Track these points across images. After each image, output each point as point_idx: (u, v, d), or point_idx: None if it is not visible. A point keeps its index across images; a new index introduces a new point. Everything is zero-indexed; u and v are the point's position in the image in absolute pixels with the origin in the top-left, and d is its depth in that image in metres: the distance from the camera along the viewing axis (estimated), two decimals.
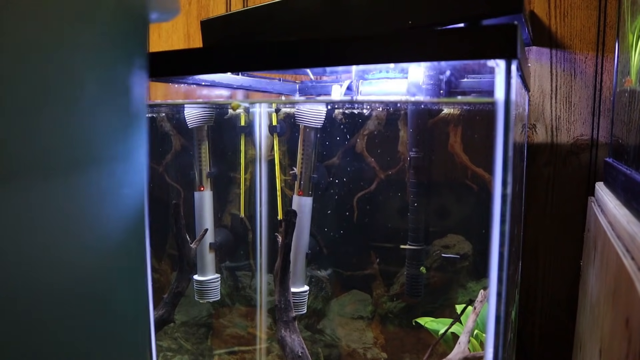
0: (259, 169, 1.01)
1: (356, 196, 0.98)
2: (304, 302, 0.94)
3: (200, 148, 0.98)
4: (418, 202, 0.90)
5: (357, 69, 0.84)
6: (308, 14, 0.57)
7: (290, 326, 0.79)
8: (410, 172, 0.91)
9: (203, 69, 0.60)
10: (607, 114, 0.88)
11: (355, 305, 1.02)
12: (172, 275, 1.11)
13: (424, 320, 0.90)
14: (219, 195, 1.03)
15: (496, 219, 0.48)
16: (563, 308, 0.93)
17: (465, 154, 0.90)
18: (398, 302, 0.98)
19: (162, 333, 1.12)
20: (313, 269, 1.02)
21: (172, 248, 1.10)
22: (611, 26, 0.86)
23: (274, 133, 0.98)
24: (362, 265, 1.01)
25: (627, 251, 0.46)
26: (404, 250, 0.93)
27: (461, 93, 0.82)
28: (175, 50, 0.59)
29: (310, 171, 0.91)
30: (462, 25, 0.50)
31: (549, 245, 0.93)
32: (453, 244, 0.94)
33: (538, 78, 0.91)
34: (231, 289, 1.10)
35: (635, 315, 0.36)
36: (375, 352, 1.00)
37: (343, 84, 0.87)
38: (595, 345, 0.58)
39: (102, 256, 0.27)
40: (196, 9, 1.23)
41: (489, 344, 0.50)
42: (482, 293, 0.79)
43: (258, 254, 1.03)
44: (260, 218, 1.02)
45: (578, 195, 0.90)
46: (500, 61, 0.45)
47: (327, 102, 0.92)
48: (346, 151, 0.98)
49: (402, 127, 0.94)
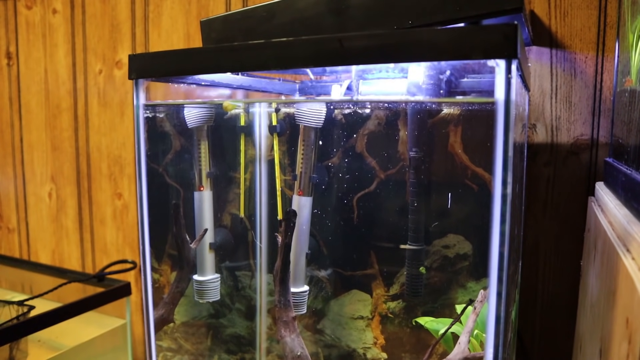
0: (258, 168, 1.01)
1: (356, 196, 0.98)
2: (304, 302, 0.93)
3: (200, 148, 0.98)
4: (418, 202, 0.90)
5: (357, 68, 0.84)
6: (308, 13, 0.57)
7: (290, 326, 0.78)
8: (410, 172, 0.91)
9: (203, 69, 0.60)
10: (607, 113, 0.87)
11: (355, 305, 1.02)
12: (172, 275, 1.11)
13: (424, 320, 0.90)
14: (218, 195, 1.03)
15: (496, 219, 0.48)
16: (563, 308, 0.93)
17: (465, 154, 0.90)
18: (398, 302, 0.98)
19: (162, 333, 1.12)
20: (313, 269, 1.02)
21: (172, 248, 1.09)
22: (611, 26, 0.86)
23: (273, 133, 0.98)
24: (362, 265, 1.01)
25: (628, 251, 0.45)
26: (404, 250, 0.93)
27: (461, 93, 0.82)
28: (175, 50, 0.59)
29: (310, 171, 0.91)
30: (462, 24, 0.50)
31: (549, 245, 0.93)
32: (453, 244, 0.94)
33: (538, 78, 0.91)
34: (231, 289, 1.10)
35: (636, 315, 0.36)
36: (375, 352, 1.00)
37: (343, 83, 0.87)
38: (595, 346, 0.58)
39: None
40: (196, 9, 1.23)
41: (489, 344, 0.50)
42: (482, 293, 0.79)
43: (258, 254, 1.03)
44: (260, 218, 1.02)
45: (578, 195, 0.90)
46: (500, 61, 0.45)
47: (327, 102, 0.92)
48: (346, 151, 0.98)
49: (402, 127, 0.94)
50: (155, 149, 1.10)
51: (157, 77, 0.70)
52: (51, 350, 1.05)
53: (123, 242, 1.42)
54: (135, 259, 1.38)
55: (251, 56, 0.54)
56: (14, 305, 1.04)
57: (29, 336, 0.98)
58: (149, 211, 0.74)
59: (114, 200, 1.43)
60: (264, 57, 0.53)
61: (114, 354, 1.17)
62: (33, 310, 1.00)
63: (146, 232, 0.74)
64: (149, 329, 0.76)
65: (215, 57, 0.57)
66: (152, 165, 1.08)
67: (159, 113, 1.07)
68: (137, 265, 1.30)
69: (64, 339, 1.08)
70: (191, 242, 0.94)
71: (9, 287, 1.47)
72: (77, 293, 1.18)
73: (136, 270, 1.36)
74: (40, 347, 1.07)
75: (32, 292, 1.31)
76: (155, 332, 0.77)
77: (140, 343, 1.39)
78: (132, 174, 1.41)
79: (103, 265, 1.30)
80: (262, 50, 0.53)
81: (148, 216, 0.74)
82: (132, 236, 1.41)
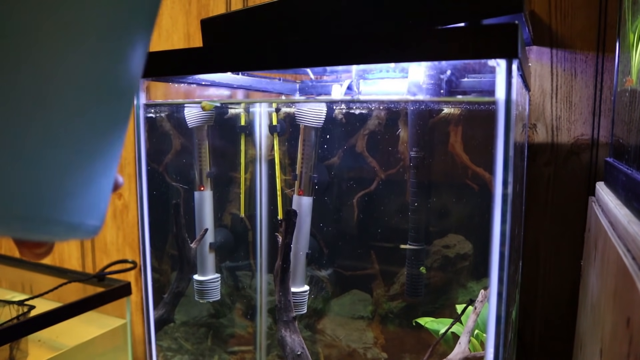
0: (259, 168, 1.01)
1: (356, 196, 0.98)
2: (304, 301, 0.93)
3: (200, 148, 0.98)
4: (418, 202, 0.90)
5: (357, 68, 0.84)
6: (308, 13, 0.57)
7: (290, 326, 0.78)
8: (410, 172, 0.91)
9: (203, 69, 0.60)
10: (607, 113, 0.87)
11: (356, 305, 1.02)
12: (172, 275, 1.11)
13: (424, 321, 0.90)
14: (219, 195, 1.03)
15: (497, 219, 0.48)
16: (563, 308, 0.93)
17: (465, 154, 0.90)
18: (398, 302, 0.98)
19: (162, 333, 1.12)
20: (313, 269, 1.02)
21: (172, 248, 1.09)
22: (612, 26, 0.85)
23: (274, 133, 0.98)
24: (362, 265, 1.01)
25: (628, 251, 0.45)
26: (404, 250, 0.93)
27: (462, 93, 0.82)
28: (175, 50, 0.59)
29: (311, 171, 0.91)
30: (463, 24, 0.50)
31: (550, 245, 0.93)
32: (453, 244, 0.94)
33: (538, 78, 0.91)
34: (231, 289, 1.10)
35: (636, 315, 0.36)
36: (376, 352, 1.00)
37: (343, 83, 0.87)
38: (595, 346, 0.58)
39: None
40: (196, 9, 1.23)
41: (490, 344, 0.50)
42: (482, 293, 0.78)
43: (258, 254, 1.03)
44: (260, 218, 1.02)
45: (578, 195, 0.90)
46: (501, 60, 0.45)
47: (328, 101, 0.92)
48: (346, 151, 0.98)
49: (402, 127, 0.94)
50: (155, 148, 1.10)
51: (158, 77, 0.70)
52: (51, 350, 1.05)
53: (123, 242, 1.42)
54: (135, 259, 1.38)
55: (251, 56, 0.54)
56: (14, 305, 1.04)
57: (29, 336, 0.98)
58: (149, 211, 0.74)
59: (114, 200, 1.43)
60: (264, 57, 0.53)
61: (114, 354, 1.17)
62: (33, 310, 1.00)
63: (146, 232, 0.74)
64: (149, 329, 0.76)
65: (215, 57, 0.57)
66: (152, 165, 1.08)
67: (159, 112, 1.07)
68: (137, 265, 1.30)
69: (64, 339, 1.08)
70: (191, 242, 0.94)
71: (9, 287, 1.47)
72: (77, 293, 1.18)
73: (136, 270, 1.36)
74: (40, 347, 1.07)
75: (32, 292, 1.31)
76: (155, 332, 0.77)
77: (140, 343, 1.39)
78: (132, 173, 1.41)
79: (103, 265, 1.30)
80: (263, 50, 0.53)
81: (148, 216, 0.74)
82: (132, 236, 1.41)
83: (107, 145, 0.25)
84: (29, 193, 0.21)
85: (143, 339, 1.36)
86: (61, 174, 0.22)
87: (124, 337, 1.18)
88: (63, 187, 0.22)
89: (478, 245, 0.93)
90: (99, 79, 0.23)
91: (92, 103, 0.23)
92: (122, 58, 0.24)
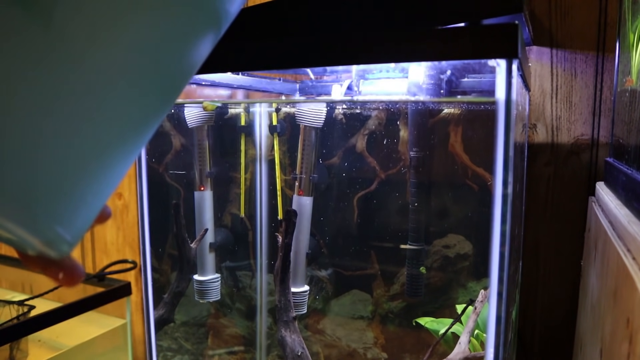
0: (259, 168, 1.01)
1: (356, 196, 0.98)
2: (304, 302, 0.93)
3: (200, 148, 0.98)
4: (418, 202, 0.90)
5: (357, 68, 0.84)
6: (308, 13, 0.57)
7: (291, 326, 0.78)
8: (410, 172, 0.91)
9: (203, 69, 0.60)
10: (607, 113, 0.87)
11: (356, 305, 1.02)
12: (172, 275, 1.11)
13: (424, 321, 0.90)
14: (219, 195, 1.03)
15: (497, 219, 0.48)
16: (563, 308, 0.93)
17: (465, 154, 0.90)
18: (398, 302, 0.98)
19: (162, 333, 1.12)
20: (313, 269, 1.02)
21: (172, 248, 1.09)
22: (612, 26, 0.85)
23: (274, 133, 0.98)
24: (362, 265, 1.01)
25: (628, 251, 0.45)
26: (404, 250, 0.93)
27: (462, 93, 0.82)
28: None
29: (311, 171, 0.91)
30: (463, 24, 0.50)
31: (550, 245, 0.93)
32: (453, 244, 0.94)
33: (538, 78, 0.91)
34: (231, 289, 1.10)
35: (636, 315, 0.36)
36: (376, 352, 1.00)
37: (343, 83, 0.87)
38: (595, 346, 0.58)
39: None
40: None
41: (490, 344, 0.50)
42: (482, 293, 0.78)
43: (258, 254, 1.03)
44: (260, 218, 1.02)
45: (578, 195, 0.90)
46: (501, 60, 0.45)
47: (328, 101, 0.92)
48: (346, 151, 0.98)
49: (402, 127, 0.94)
50: (155, 148, 1.10)
51: None
52: (51, 350, 1.05)
53: (123, 242, 1.42)
54: (136, 259, 1.38)
55: (251, 56, 0.54)
56: (14, 305, 1.04)
57: (29, 336, 0.98)
58: (149, 211, 0.74)
59: (114, 200, 1.43)
60: (264, 57, 0.53)
61: (114, 353, 1.17)
62: (33, 310, 1.00)
63: (146, 232, 0.74)
64: (149, 329, 0.76)
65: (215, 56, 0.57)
66: (153, 165, 1.08)
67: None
68: (137, 265, 1.30)
69: (64, 339, 1.08)
70: (191, 242, 0.94)
71: (9, 287, 1.47)
72: (77, 293, 1.18)
73: (136, 270, 1.35)
74: (40, 347, 1.07)
75: (32, 292, 1.31)
76: (155, 332, 0.77)
77: (140, 343, 1.39)
78: (132, 173, 1.41)
79: (103, 265, 1.30)
80: (263, 50, 0.53)
81: (148, 216, 0.74)
82: (132, 236, 1.41)
83: (116, 165, 0.23)
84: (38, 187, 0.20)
85: (143, 339, 1.36)
86: (77, 177, 0.21)
87: (124, 337, 1.18)
88: (74, 189, 0.21)
89: (478, 245, 0.93)
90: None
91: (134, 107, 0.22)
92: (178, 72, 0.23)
